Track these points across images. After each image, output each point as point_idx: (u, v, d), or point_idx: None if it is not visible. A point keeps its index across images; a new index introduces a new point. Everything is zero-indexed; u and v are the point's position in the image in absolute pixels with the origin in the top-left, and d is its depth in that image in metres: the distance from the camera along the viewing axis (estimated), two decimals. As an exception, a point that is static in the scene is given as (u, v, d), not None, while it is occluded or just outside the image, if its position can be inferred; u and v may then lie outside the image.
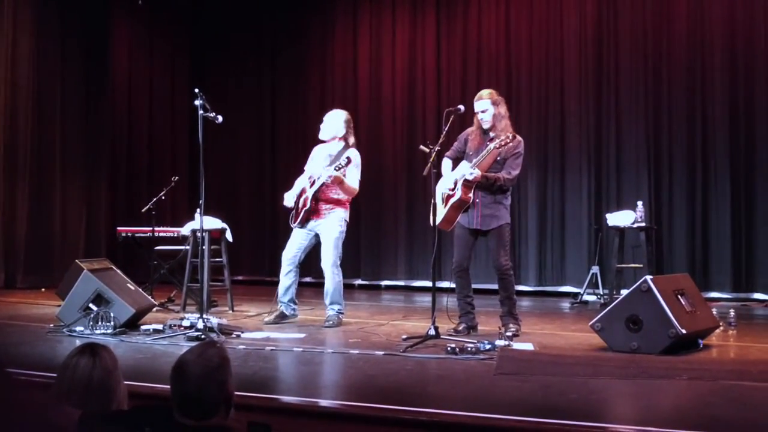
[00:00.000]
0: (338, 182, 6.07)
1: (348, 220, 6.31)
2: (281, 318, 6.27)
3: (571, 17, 9.28)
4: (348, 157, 6.02)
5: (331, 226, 6.19)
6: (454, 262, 5.78)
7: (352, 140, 6.33)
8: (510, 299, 5.69)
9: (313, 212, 6.21)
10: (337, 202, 6.23)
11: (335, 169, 5.97)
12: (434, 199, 5.58)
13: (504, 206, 5.67)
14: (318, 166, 6.29)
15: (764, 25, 8.35)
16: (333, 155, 6.25)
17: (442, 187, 5.73)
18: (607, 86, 9.07)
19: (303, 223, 6.26)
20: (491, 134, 5.65)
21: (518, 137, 5.61)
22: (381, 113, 10.41)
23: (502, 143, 5.44)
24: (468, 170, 5.48)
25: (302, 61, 10.96)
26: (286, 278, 6.33)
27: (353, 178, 6.19)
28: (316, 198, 6.18)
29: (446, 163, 5.80)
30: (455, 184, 5.61)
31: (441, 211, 5.65)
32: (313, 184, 6.21)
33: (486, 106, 5.65)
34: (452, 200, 5.60)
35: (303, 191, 6.28)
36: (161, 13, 11.18)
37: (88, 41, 10.18)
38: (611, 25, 9.07)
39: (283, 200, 6.41)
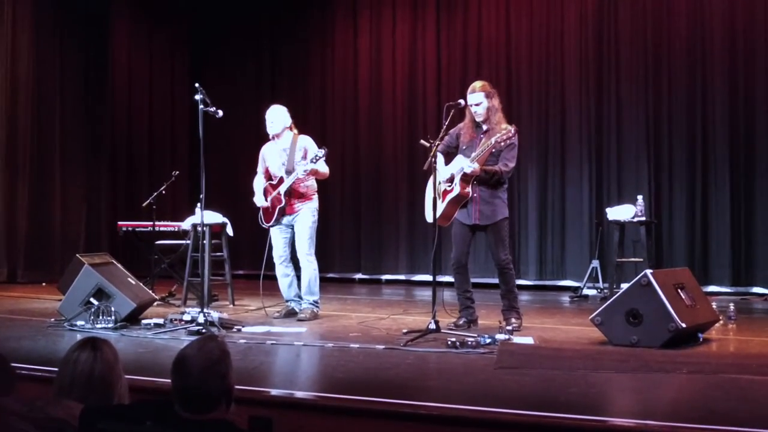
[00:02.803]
0: (314, 172, 6.23)
1: (319, 209, 6.40)
2: (291, 315, 6.29)
3: (571, 11, 9.26)
4: (324, 149, 6.16)
5: (305, 217, 6.28)
6: (452, 258, 5.76)
7: (295, 129, 6.47)
8: (511, 293, 5.68)
9: (286, 208, 6.28)
10: (307, 195, 6.33)
11: (313, 161, 6.11)
12: (433, 194, 5.54)
13: (502, 200, 5.65)
14: (275, 162, 6.38)
15: (764, 20, 8.33)
16: (288, 148, 6.33)
17: (437, 183, 5.70)
18: (608, 81, 9.06)
19: (277, 222, 6.33)
20: (484, 127, 5.61)
21: (517, 132, 5.56)
22: (381, 108, 10.40)
23: (503, 137, 5.39)
24: (467, 164, 5.44)
25: (302, 56, 10.94)
26: (285, 278, 6.40)
27: (322, 163, 6.32)
28: (289, 194, 6.25)
29: (438, 159, 5.76)
30: (452, 179, 5.59)
31: (439, 207, 5.62)
32: (281, 182, 6.28)
33: (480, 99, 5.60)
34: (450, 195, 5.57)
35: (268, 191, 6.37)
36: (161, 6, 11.16)
37: (88, 35, 10.18)
38: (611, 20, 9.05)
39: (255, 202, 6.49)
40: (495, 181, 5.56)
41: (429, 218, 5.69)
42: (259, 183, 6.51)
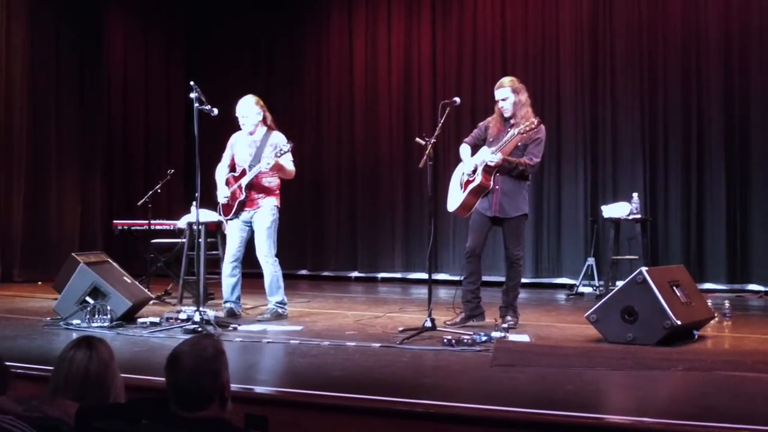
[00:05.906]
0: (278, 168, 6.05)
1: (279, 207, 6.24)
2: (231, 315, 6.09)
3: (567, 9, 9.27)
4: (290, 144, 6.02)
5: (264, 216, 6.12)
6: (466, 247, 5.73)
7: (269, 120, 6.31)
8: (514, 290, 5.70)
9: (245, 202, 6.14)
10: (268, 191, 6.17)
11: (277, 155, 5.95)
12: (431, 188, 5.54)
13: (523, 197, 5.68)
14: (242, 154, 6.23)
15: (759, 19, 8.34)
16: (258, 141, 6.20)
17: (460, 172, 5.73)
18: (603, 78, 9.07)
19: (236, 214, 6.18)
20: (512, 121, 5.64)
21: (541, 124, 5.58)
22: (377, 105, 10.40)
23: (527, 129, 5.42)
24: (489, 155, 5.48)
25: (298, 54, 10.94)
26: (231, 278, 6.21)
27: (288, 160, 6.17)
28: (249, 187, 6.12)
29: (465, 149, 5.78)
30: (475, 169, 5.61)
31: (459, 197, 5.64)
32: (243, 174, 6.14)
33: (506, 94, 5.63)
34: (472, 185, 5.58)
35: (230, 182, 6.22)
36: (156, 4, 11.14)
37: (83, 33, 10.15)
38: (606, 17, 9.06)
39: (217, 197, 6.29)
40: (518, 173, 5.58)
41: (450, 208, 5.76)
42: (221, 173, 6.31)
